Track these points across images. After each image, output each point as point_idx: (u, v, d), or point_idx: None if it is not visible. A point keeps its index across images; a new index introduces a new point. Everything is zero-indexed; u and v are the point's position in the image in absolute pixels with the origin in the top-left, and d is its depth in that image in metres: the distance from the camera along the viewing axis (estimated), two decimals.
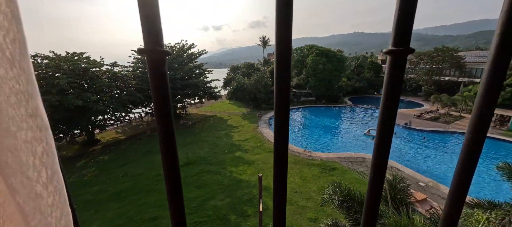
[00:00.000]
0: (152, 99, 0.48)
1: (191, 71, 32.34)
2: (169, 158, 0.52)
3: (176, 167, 0.53)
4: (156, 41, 0.43)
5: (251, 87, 36.32)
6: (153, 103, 0.49)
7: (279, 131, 0.46)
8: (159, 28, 0.43)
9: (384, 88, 0.44)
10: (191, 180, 14.43)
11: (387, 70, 0.43)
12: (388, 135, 0.47)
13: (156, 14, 0.41)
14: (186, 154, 18.66)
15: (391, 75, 0.42)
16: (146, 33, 0.42)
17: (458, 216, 0.47)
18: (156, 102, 0.48)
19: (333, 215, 9.72)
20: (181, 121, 30.56)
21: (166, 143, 0.50)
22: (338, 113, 34.41)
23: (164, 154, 0.51)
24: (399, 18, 0.38)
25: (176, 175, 0.53)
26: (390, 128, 0.46)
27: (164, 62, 0.45)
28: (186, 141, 22.19)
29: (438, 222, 5.45)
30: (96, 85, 20.78)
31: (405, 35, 0.39)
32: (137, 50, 0.48)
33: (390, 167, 15.25)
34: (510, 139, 20.56)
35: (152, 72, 0.45)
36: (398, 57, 0.40)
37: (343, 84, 40.02)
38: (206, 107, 39.61)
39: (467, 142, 0.42)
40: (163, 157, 0.51)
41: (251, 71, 54.84)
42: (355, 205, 6.05)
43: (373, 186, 0.51)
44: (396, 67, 0.41)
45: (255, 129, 24.80)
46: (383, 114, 0.45)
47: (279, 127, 0.46)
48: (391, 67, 0.42)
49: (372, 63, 51.68)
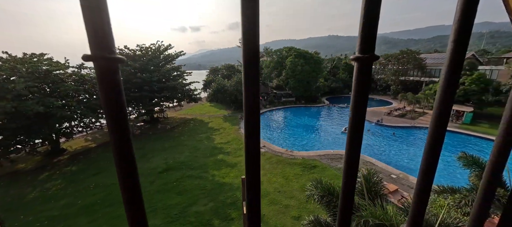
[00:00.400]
0: (103, 110, 0.43)
1: (169, 73, 31.11)
2: (124, 166, 0.45)
3: (134, 176, 0.47)
4: (105, 46, 0.36)
5: (232, 88, 36.09)
6: (105, 113, 0.43)
7: (251, 133, 0.44)
8: (108, 31, 0.37)
9: (353, 93, 0.45)
10: (171, 187, 13.84)
11: (355, 76, 0.44)
12: (358, 137, 0.49)
13: (103, 15, 0.35)
14: (165, 160, 17.86)
15: (358, 81, 0.44)
16: (92, 37, 0.35)
17: (426, 203, 0.50)
18: (108, 113, 0.42)
19: (316, 212, 10.04)
20: (159, 125, 29.21)
21: (121, 152, 0.44)
22: (317, 112, 35.70)
23: (118, 163, 0.45)
24: (363, 27, 0.40)
25: (134, 184, 0.47)
26: (360, 130, 0.47)
27: (115, 71, 0.39)
28: (165, 146, 21.25)
29: (408, 210, 5.92)
30: (61, 89, 18.94)
31: (369, 42, 0.40)
32: (82, 57, 0.39)
33: (365, 162, 16.21)
34: (463, 131, 23.17)
35: (101, 83, 0.39)
36: (364, 63, 0.42)
37: (320, 84, 41.70)
38: (186, 110, 38.40)
39: (430, 136, 0.45)
40: (117, 167, 0.45)
41: (232, 72, 54.52)
42: (334, 200, 6.32)
43: (346, 185, 0.52)
44: (362, 73, 0.43)
45: (237, 131, 24.65)
46: (353, 117, 0.46)
47: (251, 129, 0.44)
48: (358, 73, 0.43)
49: (346, 64, 54.62)
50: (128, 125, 0.43)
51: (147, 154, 19.46)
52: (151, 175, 15.52)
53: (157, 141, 22.78)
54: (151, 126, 29.01)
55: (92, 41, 0.36)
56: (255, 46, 0.34)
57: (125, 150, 0.43)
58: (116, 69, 0.39)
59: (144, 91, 26.39)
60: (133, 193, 0.47)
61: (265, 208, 11.37)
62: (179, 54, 32.84)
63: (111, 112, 0.41)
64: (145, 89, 26.43)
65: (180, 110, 38.35)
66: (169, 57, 31.73)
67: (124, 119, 0.42)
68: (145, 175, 15.53)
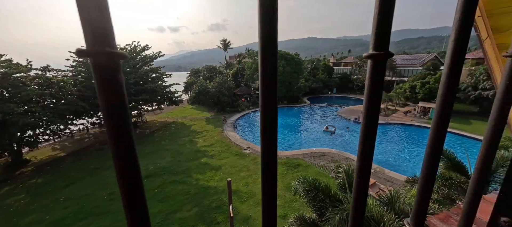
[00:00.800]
0: (103, 116, 0.37)
1: (147, 75, 29.75)
2: (132, 184, 0.42)
3: (142, 193, 0.44)
4: (105, 39, 0.32)
5: (214, 90, 35.56)
6: (104, 120, 0.37)
7: (266, 132, 0.39)
8: (107, 21, 0.31)
9: (367, 91, 0.44)
10: (153, 194, 13.19)
11: (368, 74, 0.43)
12: (371, 136, 0.47)
13: (102, 4, 0.30)
14: (146, 166, 16.99)
15: (372, 79, 0.42)
16: (89, 29, 0.30)
17: (428, 201, 0.51)
18: (109, 121, 0.36)
19: (301, 209, 10.26)
20: (137, 130, 27.72)
21: (126, 165, 0.40)
22: (298, 112, 36.59)
23: (124, 182, 0.41)
24: (378, 23, 0.39)
25: (141, 201, 0.43)
26: (374, 129, 0.46)
27: (117, 68, 0.34)
28: (145, 151, 20.23)
29: (385, 202, 6.29)
30: (22, 93, 17.12)
31: (384, 39, 0.39)
32: (76, 52, 0.32)
33: (345, 158, 16.97)
34: (429, 126, 25.34)
35: (101, 83, 0.34)
36: (378, 61, 0.41)
37: (301, 85, 42.85)
38: (166, 113, 36.96)
39: (431, 136, 0.46)
40: (121, 185, 0.41)
41: (213, 74, 53.75)
42: (319, 194, 6.53)
43: (359, 185, 0.50)
44: (376, 71, 0.41)
45: (220, 133, 24.31)
46: (366, 115, 0.45)
47: (265, 128, 0.39)
48: (372, 71, 0.42)
49: (325, 65, 56.84)
50: (132, 134, 0.39)
51: None
52: None
53: (136, 147, 21.56)
54: None
55: (89, 33, 0.30)
56: (273, 48, 0.31)
57: (130, 162, 0.39)
58: (118, 67, 0.35)
59: None
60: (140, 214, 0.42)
61: (251, 209, 11.35)
62: (157, 55, 31.57)
63: (112, 118, 0.36)
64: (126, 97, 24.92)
65: (160, 114, 36.83)
66: (146, 59, 30.35)
67: (129, 127, 0.38)
68: None
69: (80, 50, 0.31)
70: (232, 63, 56.79)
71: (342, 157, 17.40)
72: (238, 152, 18.79)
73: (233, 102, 36.91)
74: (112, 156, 0.40)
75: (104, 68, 0.33)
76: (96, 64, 0.32)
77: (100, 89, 0.34)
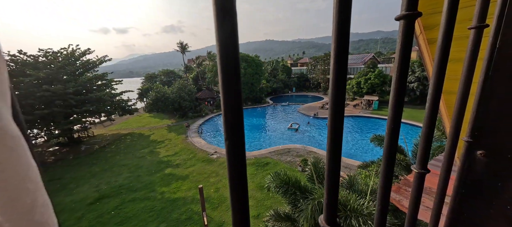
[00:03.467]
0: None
1: (91, 83, 26.01)
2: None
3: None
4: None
5: (174, 96, 33.47)
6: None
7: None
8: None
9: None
10: (109, 218, 11.58)
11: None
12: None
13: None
14: (97, 187, 14.81)
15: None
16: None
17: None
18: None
19: (273, 206, 10.55)
20: (82, 146, 23.89)
21: None
22: (263, 112, 37.55)
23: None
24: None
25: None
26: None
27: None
28: (94, 170, 17.59)
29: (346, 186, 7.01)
30: None
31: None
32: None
33: (309, 152, 18.21)
34: (374, 116, 29.42)
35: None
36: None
37: (263, 86, 44.14)
38: (119, 124, 32.99)
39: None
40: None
41: (172, 78, 50.64)
42: (290, 188, 6.86)
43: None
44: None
45: (184, 140, 23.02)
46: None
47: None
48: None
49: (284, 66, 59.91)
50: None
51: (69, 184, 15.60)
52: (77, 209, 12.54)
53: (82, 166, 18.58)
54: (71, 149, 23.38)
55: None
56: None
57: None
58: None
59: (55, 106, 21.03)
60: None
61: (225, 215, 11.10)
62: (103, 59, 27.97)
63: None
64: (57, 104, 21.11)
65: (111, 125, 32.62)
66: (89, 64, 26.55)
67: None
68: (67, 211, 12.40)
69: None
70: (191, 66, 54.52)
71: (306, 151, 18.61)
72: (205, 158, 18.12)
73: (196, 106, 35.46)
74: None
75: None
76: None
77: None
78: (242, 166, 0.32)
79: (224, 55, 0.25)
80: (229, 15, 0.24)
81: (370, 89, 35.77)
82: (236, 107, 0.28)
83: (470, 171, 0.60)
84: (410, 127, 23.71)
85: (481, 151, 0.57)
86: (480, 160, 0.58)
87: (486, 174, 0.57)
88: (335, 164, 0.41)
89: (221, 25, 0.24)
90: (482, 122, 0.59)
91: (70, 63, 24.74)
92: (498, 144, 0.56)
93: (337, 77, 0.37)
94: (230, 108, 0.28)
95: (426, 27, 1.98)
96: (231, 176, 0.32)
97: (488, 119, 0.58)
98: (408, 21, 0.43)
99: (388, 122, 0.50)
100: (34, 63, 22.28)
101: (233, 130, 0.29)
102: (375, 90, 35.71)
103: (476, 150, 0.59)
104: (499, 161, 0.56)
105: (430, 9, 1.78)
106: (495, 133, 0.57)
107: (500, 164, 0.56)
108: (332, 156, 0.42)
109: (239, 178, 0.31)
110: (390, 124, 0.49)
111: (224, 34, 0.24)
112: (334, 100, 0.40)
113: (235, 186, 0.31)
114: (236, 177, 0.31)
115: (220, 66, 0.26)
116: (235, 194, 0.32)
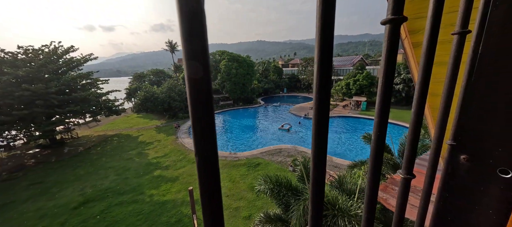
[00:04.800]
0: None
1: (75, 82, 24.94)
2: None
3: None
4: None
5: (164, 96, 32.77)
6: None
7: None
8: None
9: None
10: (94, 222, 11.13)
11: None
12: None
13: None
14: (82, 190, 14.20)
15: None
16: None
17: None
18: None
19: (265, 207, 10.56)
20: (65, 148, 22.85)
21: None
22: (254, 113, 37.55)
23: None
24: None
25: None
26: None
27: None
28: (79, 173, 16.87)
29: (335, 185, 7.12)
30: None
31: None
32: None
33: (299, 152, 18.40)
34: (362, 116, 30.22)
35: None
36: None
37: (255, 86, 44.16)
38: (105, 125, 31.85)
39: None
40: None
41: (161, 78, 49.63)
42: (283, 190, 6.87)
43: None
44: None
45: (174, 142, 22.57)
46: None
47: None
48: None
49: (275, 67, 60.25)
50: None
51: (51, 188, 14.86)
52: (60, 214, 11.96)
53: (65, 169, 17.75)
54: (53, 151, 22.29)
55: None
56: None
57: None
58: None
59: (36, 106, 19.98)
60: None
61: None
62: (87, 58, 26.91)
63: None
64: (37, 104, 20.06)
65: (96, 126, 31.44)
66: (72, 62, 25.46)
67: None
68: (49, 216, 11.80)
69: None
70: (181, 66, 53.61)
71: (296, 151, 18.78)
72: None
73: (186, 107, 34.89)
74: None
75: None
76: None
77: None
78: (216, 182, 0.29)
79: (192, 58, 0.22)
80: (197, 18, 0.21)
81: (358, 90, 36.69)
82: (206, 113, 0.25)
83: (454, 175, 0.61)
84: (398, 128, 24.53)
85: (464, 155, 0.59)
86: (463, 164, 0.59)
87: (469, 178, 0.59)
88: (319, 173, 0.40)
89: (188, 30, 0.21)
90: (464, 127, 0.60)
91: (52, 61, 23.62)
92: (480, 148, 0.58)
93: (321, 74, 0.37)
94: (198, 116, 0.25)
95: (411, 31, 2.05)
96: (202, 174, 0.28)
97: (471, 123, 0.59)
98: (393, 25, 0.43)
99: (375, 123, 0.50)
100: (13, 61, 21.08)
101: (203, 136, 0.26)
102: (363, 91, 36.67)
103: (460, 154, 0.60)
104: (482, 166, 0.58)
105: (415, 14, 1.84)
106: (477, 137, 0.58)
107: (482, 169, 0.58)
108: (317, 161, 0.40)
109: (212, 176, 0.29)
110: (377, 125, 0.49)
111: (192, 40, 0.22)
112: (319, 99, 0.40)
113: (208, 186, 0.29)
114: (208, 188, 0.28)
115: (187, 71, 0.24)
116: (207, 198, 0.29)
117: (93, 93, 25.97)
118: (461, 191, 0.62)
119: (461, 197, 0.62)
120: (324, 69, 0.35)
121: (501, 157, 0.59)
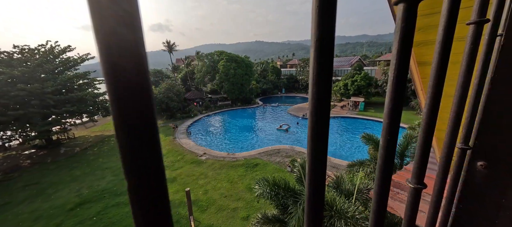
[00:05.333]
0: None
1: (71, 82, 24.69)
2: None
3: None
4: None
5: (162, 96, 32.57)
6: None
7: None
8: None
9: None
10: (91, 224, 10.99)
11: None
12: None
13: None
14: (78, 191, 14.03)
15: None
16: None
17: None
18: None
19: (263, 208, 10.48)
20: (62, 149, 22.59)
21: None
22: (252, 113, 37.46)
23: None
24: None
25: None
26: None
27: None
28: (75, 174, 16.67)
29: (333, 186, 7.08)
30: None
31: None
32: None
33: (297, 152, 18.36)
34: (360, 117, 30.28)
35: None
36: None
37: (253, 86, 44.06)
38: (102, 125, 31.57)
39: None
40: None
41: (159, 78, 49.36)
42: (281, 191, 6.81)
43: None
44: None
45: (172, 142, 22.42)
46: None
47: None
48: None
49: (273, 67, 60.22)
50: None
51: (47, 189, 14.65)
52: (56, 216, 11.79)
53: (61, 170, 17.53)
54: (49, 151, 22.01)
55: None
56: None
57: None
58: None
59: (31, 107, 19.73)
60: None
61: (213, 217, 10.89)
62: (84, 57, 26.67)
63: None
64: (33, 104, 19.81)
65: (93, 127, 31.15)
66: (69, 62, 25.21)
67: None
68: (45, 217, 11.63)
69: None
70: (179, 66, 53.41)
71: (294, 151, 18.74)
72: (194, 160, 17.74)
73: (184, 107, 34.74)
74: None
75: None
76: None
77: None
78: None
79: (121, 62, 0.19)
80: (132, 24, 0.18)
81: (356, 91, 36.75)
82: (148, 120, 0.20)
83: (470, 182, 0.55)
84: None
85: (482, 162, 0.52)
86: (480, 171, 0.52)
87: (488, 186, 0.52)
88: (317, 174, 0.38)
89: (119, 32, 0.18)
90: (481, 131, 0.54)
91: (48, 61, 23.36)
92: (500, 155, 0.51)
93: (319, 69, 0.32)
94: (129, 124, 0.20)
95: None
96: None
97: (490, 127, 0.52)
98: (409, 4, 0.35)
99: (384, 125, 0.43)
100: (8, 61, 20.81)
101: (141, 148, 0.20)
102: (361, 92, 36.75)
103: (476, 161, 0.53)
104: (501, 173, 0.51)
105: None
106: (497, 143, 0.52)
107: (502, 177, 0.51)
108: (315, 165, 0.36)
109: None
110: (387, 127, 0.43)
111: (122, 40, 0.18)
112: (318, 98, 0.35)
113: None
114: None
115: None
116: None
117: (90, 93, 25.73)
118: (479, 199, 0.55)
119: (480, 206, 0.55)
120: (325, 65, 0.32)
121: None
